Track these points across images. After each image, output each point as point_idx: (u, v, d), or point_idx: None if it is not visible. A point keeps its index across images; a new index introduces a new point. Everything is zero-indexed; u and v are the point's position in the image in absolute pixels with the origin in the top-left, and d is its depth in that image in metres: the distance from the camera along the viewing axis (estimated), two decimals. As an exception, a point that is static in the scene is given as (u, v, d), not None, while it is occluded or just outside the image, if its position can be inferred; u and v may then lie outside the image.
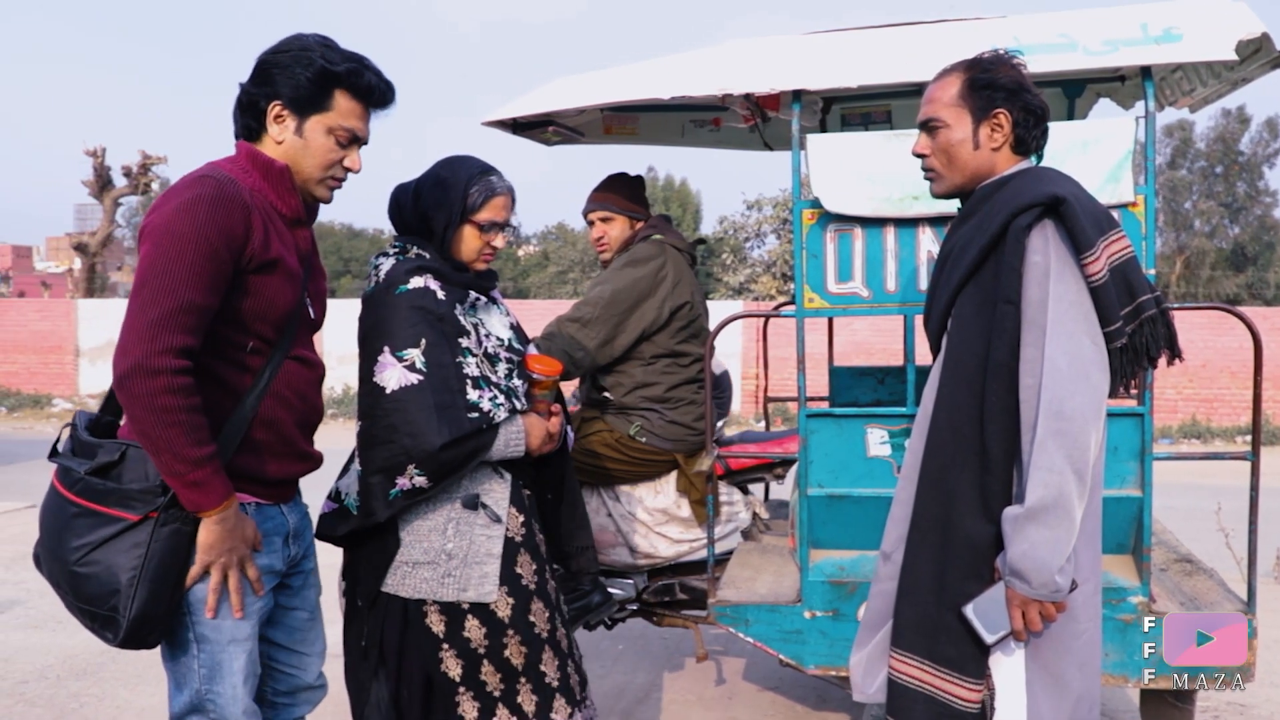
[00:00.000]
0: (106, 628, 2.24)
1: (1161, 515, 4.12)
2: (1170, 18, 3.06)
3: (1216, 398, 16.90)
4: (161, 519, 2.20)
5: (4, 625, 5.75)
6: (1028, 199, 2.29)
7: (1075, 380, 2.20)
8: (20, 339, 20.68)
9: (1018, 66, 2.44)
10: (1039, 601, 2.23)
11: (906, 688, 2.42)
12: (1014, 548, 2.22)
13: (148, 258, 2.17)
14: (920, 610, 2.40)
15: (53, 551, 2.28)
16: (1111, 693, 4.46)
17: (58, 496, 2.28)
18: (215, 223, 2.18)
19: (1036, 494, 2.19)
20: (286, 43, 2.39)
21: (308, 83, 2.34)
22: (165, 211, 2.19)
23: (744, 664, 5.02)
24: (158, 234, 2.17)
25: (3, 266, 50.44)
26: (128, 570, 2.19)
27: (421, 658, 2.70)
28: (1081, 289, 2.25)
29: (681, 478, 4.03)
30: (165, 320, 2.12)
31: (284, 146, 2.39)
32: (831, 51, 3.42)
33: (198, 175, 2.27)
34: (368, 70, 2.41)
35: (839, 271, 3.31)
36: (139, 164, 24.02)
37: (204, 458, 2.17)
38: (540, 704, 2.75)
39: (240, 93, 2.40)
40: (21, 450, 13.70)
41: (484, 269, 2.87)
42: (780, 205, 26.75)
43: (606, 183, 4.21)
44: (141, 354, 2.10)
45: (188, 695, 2.35)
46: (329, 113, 2.38)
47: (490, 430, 2.68)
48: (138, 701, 4.59)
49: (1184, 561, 3.77)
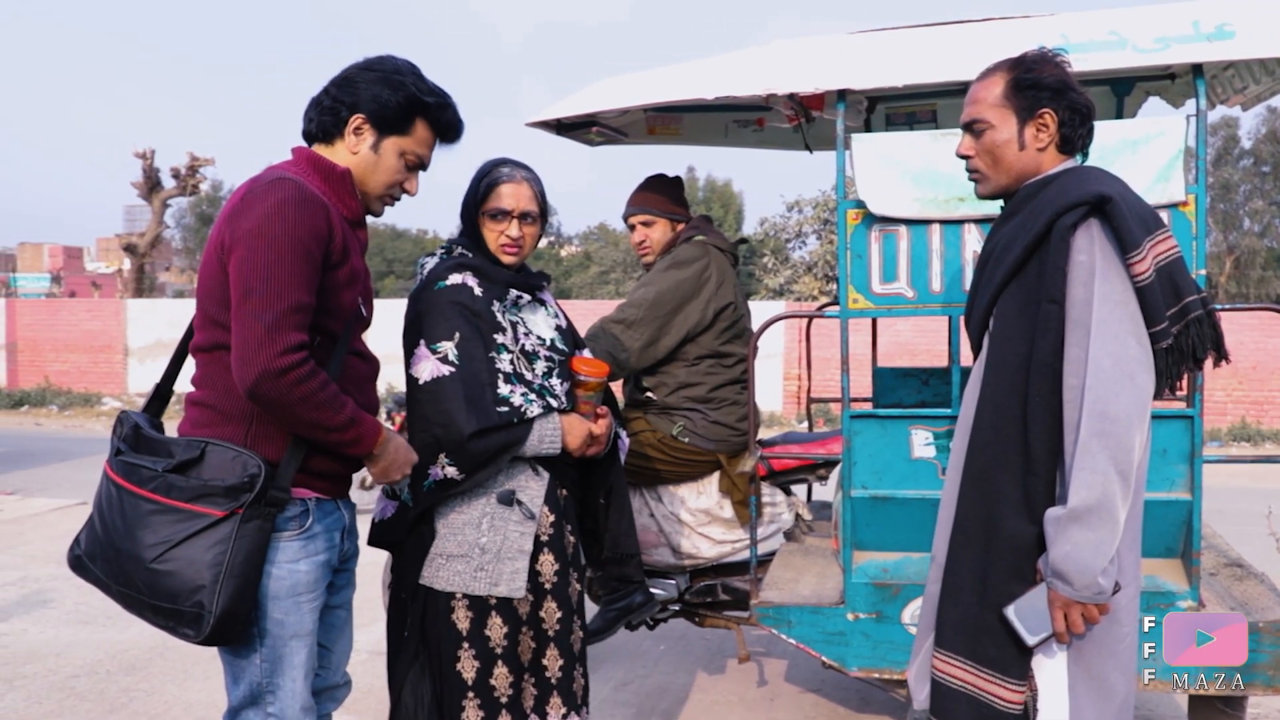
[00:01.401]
0: (187, 624, 2.23)
1: (1211, 519, 4.06)
2: (1223, 14, 3.02)
3: (1267, 400, 16.60)
4: (246, 515, 2.22)
5: (55, 620, 5.85)
6: (1073, 198, 2.26)
7: (1120, 381, 2.17)
8: (71, 338, 21.03)
9: (1062, 64, 2.41)
10: (1081, 603, 2.21)
11: (949, 688, 2.41)
12: (1056, 549, 2.20)
13: (247, 264, 2.20)
14: (963, 610, 2.39)
15: (123, 549, 2.27)
16: (1160, 699, 4.40)
17: (127, 494, 2.28)
18: (305, 223, 2.24)
19: (1080, 495, 2.17)
20: (379, 61, 2.47)
21: (396, 105, 2.42)
22: (254, 217, 2.22)
23: (786, 665, 5.00)
24: (251, 239, 2.20)
25: (54, 267, 51.32)
26: (211, 566, 2.20)
27: (441, 654, 2.73)
28: (1127, 288, 2.22)
29: (724, 478, 4.03)
30: (279, 324, 2.18)
31: (358, 158, 2.45)
32: (877, 51, 3.40)
33: (274, 178, 2.30)
34: (450, 108, 2.52)
35: (883, 272, 3.29)
36: (187, 166, 24.37)
37: (349, 419, 2.28)
38: (539, 698, 2.79)
39: (323, 95, 2.46)
40: (73, 448, 13.93)
41: (509, 260, 2.87)
42: (821, 206, 26.63)
43: (646, 185, 4.21)
44: (265, 360, 2.16)
45: (246, 689, 2.36)
46: (407, 137, 2.47)
47: (522, 425, 2.71)
48: (186, 697, 4.65)
49: (1234, 566, 3.71)
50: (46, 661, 5.13)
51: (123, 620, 5.41)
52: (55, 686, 4.79)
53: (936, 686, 2.44)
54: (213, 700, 4.59)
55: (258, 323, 2.17)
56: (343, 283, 2.37)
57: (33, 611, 6.03)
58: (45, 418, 18.87)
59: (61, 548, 7.51)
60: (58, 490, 10.38)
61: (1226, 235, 33.27)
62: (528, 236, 2.87)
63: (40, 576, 6.81)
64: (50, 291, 40.32)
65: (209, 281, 2.31)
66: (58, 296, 36.39)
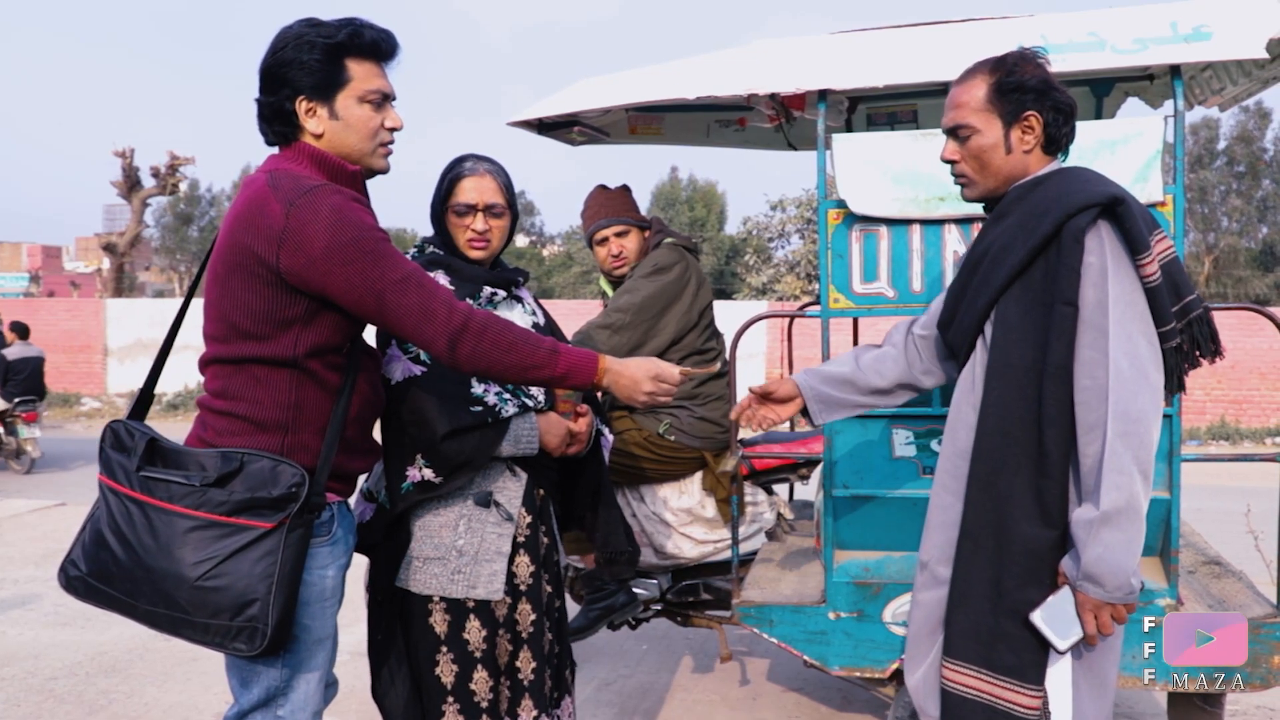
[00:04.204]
0: (238, 639, 2.16)
1: (1190, 517, 4.09)
2: (1200, 15, 3.04)
3: (1246, 399, 16.74)
4: (291, 525, 2.18)
5: (33, 622, 5.81)
6: (1083, 199, 2.24)
7: (1137, 381, 2.17)
8: (50, 338, 20.88)
9: (1042, 64, 2.39)
10: (1111, 605, 2.20)
11: (964, 698, 2.38)
12: (1089, 551, 2.18)
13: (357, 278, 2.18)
14: (975, 619, 2.35)
15: (158, 569, 2.18)
16: (1140, 696, 4.43)
17: (156, 511, 2.20)
18: (364, 221, 2.23)
19: (1110, 497, 2.16)
20: (279, 41, 2.33)
21: (320, 63, 2.29)
22: (323, 234, 2.17)
23: (768, 665, 5.01)
24: (341, 251, 2.17)
25: (33, 266, 50.89)
26: (264, 579, 2.15)
27: (419, 658, 2.71)
28: (1137, 289, 2.22)
29: (708, 476, 4.04)
30: (423, 294, 2.22)
31: (326, 136, 2.33)
32: (857, 51, 3.41)
33: (307, 189, 2.21)
34: (364, 28, 2.34)
35: (864, 271, 3.30)
36: (167, 165, 24.24)
37: (551, 350, 2.31)
38: (511, 701, 2.77)
39: (260, 107, 2.36)
40: (52, 448, 13.84)
41: (477, 255, 2.83)
42: (804, 205, 26.67)
43: (608, 198, 4.18)
44: (442, 327, 2.21)
45: (260, 692, 2.30)
46: (351, 84, 2.33)
47: (497, 425, 2.68)
48: (166, 699, 4.63)
49: (1213, 564, 3.74)
50: (25, 663, 5.10)
51: (102, 622, 5.38)
52: (33, 689, 4.76)
53: (948, 697, 2.41)
54: (193, 702, 4.57)
55: (412, 309, 2.21)
56: None
57: (10, 613, 5.99)
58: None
59: (40, 549, 7.52)
60: (36, 491, 10.33)
61: (1205, 235, 33.51)
62: (495, 230, 2.83)
63: (19, 578, 6.77)
64: (29, 291, 39.97)
65: (241, 292, 2.22)
66: (36, 296, 36.11)
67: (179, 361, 2.38)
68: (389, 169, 2.46)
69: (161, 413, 17.08)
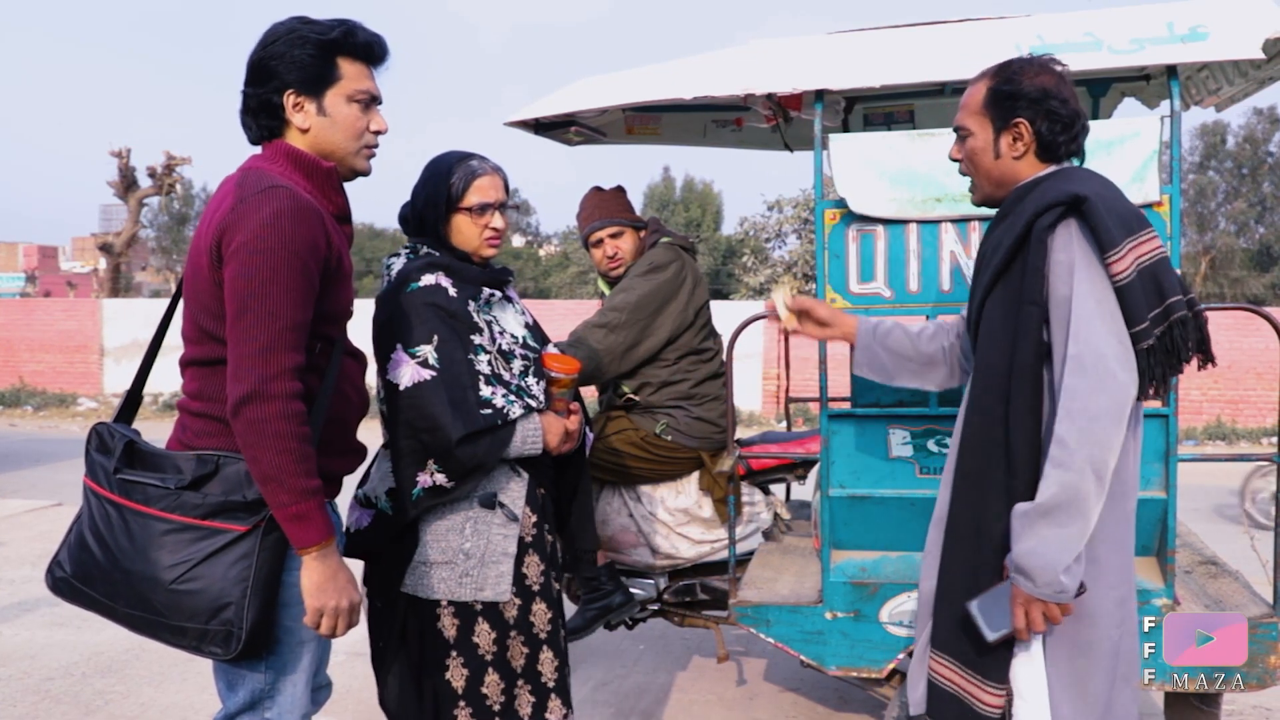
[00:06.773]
0: (213, 643, 2.16)
1: (1186, 517, 4.09)
2: (1197, 16, 3.04)
3: (1242, 399, 16.74)
4: (267, 528, 2.16)
5: (30, 623, 5.80)
6: (1049, 199, 2.27)
7: (1100, 378, 2.16)
8: (46, 338, 20.86)
9: (1051, 71, 2.38)
10: (1043, 601, 2.20)
11: (942, 689, 2.41)
12: (1021, 544, 2.20)
13: (241, 280, 2.11)
14: (954, 611, 2.38)
15: (135, 571, 2.18)
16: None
17: (132, 514, 2.19)
18: (301, 237, 2.15)
19: (1050, 490, 2.16)
20: (270, 34, 2.32)
21: (311, 61, 2.28)
22: (248, 230, 2.12)
23: (765, 665, 5.01)
24: (245, 254, 2.11)
25: (29, 266, 50.84)
26: (238, 583, 2.14)
27: (428, 663, 2.70)
28: (1106, 287, 2.21)
29: (704, 476, 4.03)
30: (274, 343, 2.10)
31: (311, 132, 2.33)
32: (854, 51, 3.41)
33: (265, 187, 2.18)
34: (357, 30, 2.35)
35: (861, 271, 3.30)
36: (163, 165, 24.20)
37: (310, 490, 2.14)
38: (536, 705, 2.75)
39: (246, 98, 2.34)
40: (48, 449, 13.82)
41: (492, 253, 2.84)
42: (801, 206, 26.67)
43: (602, 199, 4.18)
44: (256, 380, 2.09)
45: (246, 695, 2.29)
46: (341, 82, 2.32)
47: (506, 427, 2.67)
48: (162, 699, 4.63)
49: (1209, 564, 3.74)
50: (21, 664, 5.09)
51: (98, 623, 5.30)
52: (30, 689, 4.75)
53: (931, 687, 2.44)
54: (189, 703, 4.57)
55: (252, 343, 2.10)
56: (339, 287, 2.31)
57: (6, 613, 5.98)
58: (20, 418, 18.74)
59: (37, 549, 7.50)
60: (32, 492, 10.31)
61: (1202, 236, 33.55)
62: (505, 226, 2.85)
63: (15, 579, 6.75)
64: (25, 291, 39.98)
65: (202, 295, 2.22)
66: (32, 296, 36.08)
67: (175, 363, 2.36)
68: (370, 171, 2.46)
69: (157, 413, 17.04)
